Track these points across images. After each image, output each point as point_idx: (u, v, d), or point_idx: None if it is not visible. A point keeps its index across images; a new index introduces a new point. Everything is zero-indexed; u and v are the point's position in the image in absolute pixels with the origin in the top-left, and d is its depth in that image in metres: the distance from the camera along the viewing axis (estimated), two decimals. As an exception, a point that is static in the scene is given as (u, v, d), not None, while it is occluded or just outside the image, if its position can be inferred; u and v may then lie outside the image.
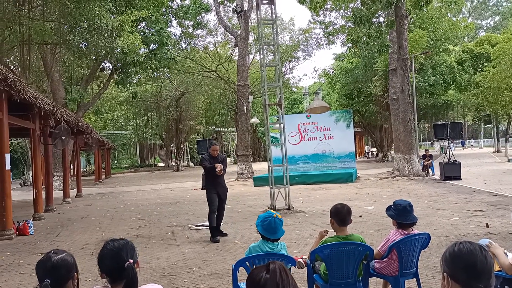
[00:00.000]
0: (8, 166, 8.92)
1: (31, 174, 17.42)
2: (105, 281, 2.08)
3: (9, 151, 9.28)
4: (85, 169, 44.78)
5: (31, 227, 9.11)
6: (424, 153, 19.96)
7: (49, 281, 1.94)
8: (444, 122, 18.06)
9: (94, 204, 14.72)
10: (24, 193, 20.76)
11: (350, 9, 22.01)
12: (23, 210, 12.71)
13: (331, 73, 36.40)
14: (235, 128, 38.11)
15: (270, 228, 3.47)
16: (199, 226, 8.80)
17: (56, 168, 20.39)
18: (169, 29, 25.65)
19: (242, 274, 3.74)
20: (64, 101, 20.36)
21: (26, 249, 7.49)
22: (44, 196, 12.56)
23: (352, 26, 19.66)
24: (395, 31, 17.68)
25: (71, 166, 23.19)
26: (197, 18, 28.40)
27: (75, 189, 18.86)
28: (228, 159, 40.08)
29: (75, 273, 2.08)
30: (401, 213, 3.74)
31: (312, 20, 30.12)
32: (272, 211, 3.70)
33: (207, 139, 25.80)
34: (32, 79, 20.81)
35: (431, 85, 27.23)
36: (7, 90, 7.79)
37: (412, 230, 3.77)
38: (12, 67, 20.31)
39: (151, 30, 23.60)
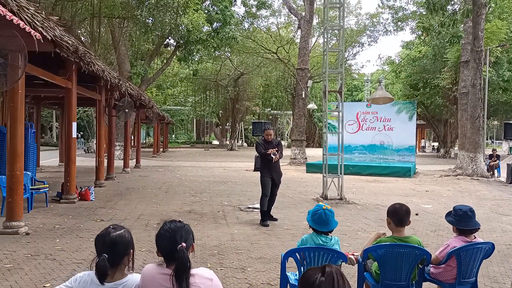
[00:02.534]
0: (74, 134, 9.40)
1: (95, 142, 18.32)
2: (161, 259, 2.13)
3: (76, 119, 9.75)
4: (144, 141, 46.52)
5: (92, 193, 9.59)
6: (491, 152, 18.84)
7: (106, 256, 2.00)
8: (516, 121, 16.91)
9: (151, 176, 15.25)
10: (88, 159, 21.91)
11: (423, -5, 20.94)
12: (85, 176, 13.42)
13: (396, 61, 35.04)
14: (291, 112, 37.89)
15: (321, 220, 3.40)
16: (249, 208, 8.86)
17: (118, 139, 21.31)
18: (233, 8, 25.66)
19: (290, 262, 3.71)
20: (129, 75, 21.10)
21: (87, 214, 7.89)
22: (105, 164, 13.17)
23: (424, 13, 18.69)
24: (471, 20, 16.60)
25: (132, 138, 24.11)
26: (262, -3, 28.19)
27: (134, 160, 19.63)
28: (282, 142, 39.98)
29: (131, 250, 2.14)
30: (462, 219, 3.54)
31: (381, 5, 29.08)
32: (321, 203, 3.62)
33: (262, 121, 25.86)
34: (100, 51, 21.67)
35: (506, 81, 25.49)
36: (77, 62, 8.13)
37: (475, 238, 3.55)
38: (83, 38, 21.26)
39: (215, 9, 23.76)
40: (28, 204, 7.88)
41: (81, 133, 40.73)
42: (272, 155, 7.35)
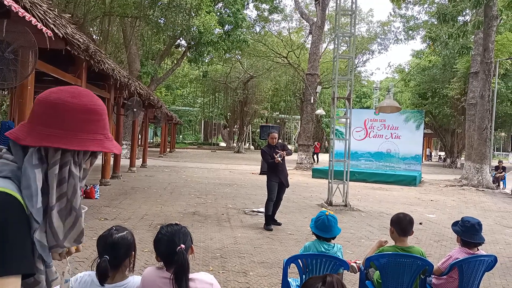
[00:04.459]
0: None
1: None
2: (161, 264, 2.14)
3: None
4: (151, 141, 46.67)
5: (97, 191, 9.65)
6: (497, 164, 18.71)
7: (107, 257, 2.01)
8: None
9: (157, 176, 15.29)
10: (94, 157, 21.97)
11: (436, 4, 20.90)
12: (91, 174, 13.47)
13: (406, 69, 34.94)
14: (299, 117, 37.88)
15: (324, 226, 3.41)
16: (254, 211, 8.86)
17: (125, 137, 21.40)
18: (245, 11, 25.75)
19: (291, 268, 3.71)
20: (138, 74, 21.19)
21: (91, 213, 7.92)
22: (111, 163, 13.23)
23: (436, 23, 18.64)
24: (482, 32, 16.53)
25: (139, 137, 24.20)
26: (274, 2, 28.27)
27: (141, 159, 19.69)
28: (289, 146, 39.87)
29: (133, 252, 2.15)
30: (468, 231, 3.52)
31: (392, 13, 29.11)
32: (323, 209, 3.62)
33: (270, 125, 25.88)
34: (111, 50, 21.82)
35: (515, 93, 25.35)
36: (88, 60, 8.19)
37: (478, 250, 3.54)
38: (94, 36, 21.41)
39: (228, 11, 23.85)
40: (34, 199, 7.90)
41: None
42: (278, 157, 7.32)
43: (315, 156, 29.36)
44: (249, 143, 50.64)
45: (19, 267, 1.07)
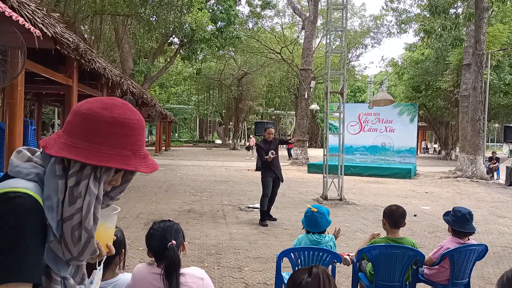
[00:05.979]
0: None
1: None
2: (153, 259, 2.14)
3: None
4: (146, 139, 46.38)
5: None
6: (491, 155, 18.82)
7: None
8: (517, 125, 16.89)
9: (152, 174, 15.24)
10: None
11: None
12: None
13: (399, 63, 35.00)
14: (294, 112, 37.90)
15: (310, 222, 3.53)
16: (249, 207, 8.87)
17: (120, 137, 21.30)
18: (237, 8, 25.69)
19: (286, 262, 3.73)
20: (131, 72, 21.14)
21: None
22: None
23: (428, 16, 18.67)
24: (473, 24, 16.57)
25: (134, 136, 24.09)
26: (266, -3, 28.22)
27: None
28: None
29: (123, 249, 2.15)
30: (459, 220, 3.55)
31: (385, 7, 28.99)
32: (308, 206, 3.68)
33: (265, 121, 25.88)
34: (103, 49, 21.72)
35: (507, 84, 25.43)
36: (78, 59, 8.16)
37: (469, 239, 3.57)
38: (86, 35, 21.30)
39: (220, 8, 23.79)
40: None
41: None
42: (270, 155, 7.40)
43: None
44: (245, 140, 50.60)
45: (32, 275, 1.02)
